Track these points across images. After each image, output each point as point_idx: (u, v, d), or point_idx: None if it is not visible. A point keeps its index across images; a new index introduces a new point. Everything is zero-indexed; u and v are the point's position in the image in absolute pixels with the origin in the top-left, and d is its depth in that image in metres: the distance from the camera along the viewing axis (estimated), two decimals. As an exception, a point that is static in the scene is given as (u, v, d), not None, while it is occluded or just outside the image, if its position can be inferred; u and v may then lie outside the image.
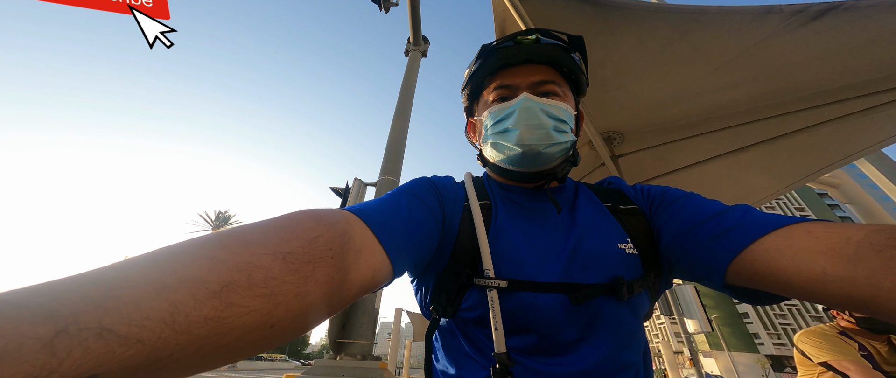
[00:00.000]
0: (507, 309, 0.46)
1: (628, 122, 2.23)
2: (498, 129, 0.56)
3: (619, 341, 0.47)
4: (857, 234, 0.32)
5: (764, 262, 0.36)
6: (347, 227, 0.36)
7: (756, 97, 1.78)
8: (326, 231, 0.33)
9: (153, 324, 0.19)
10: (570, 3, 1.43)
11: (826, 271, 0.32)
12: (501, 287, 0.46)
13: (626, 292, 0.46)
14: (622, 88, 1.94)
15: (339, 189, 3.46)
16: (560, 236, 0.52)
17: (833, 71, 1.57)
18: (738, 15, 1.32)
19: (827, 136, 1.93)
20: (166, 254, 0.24)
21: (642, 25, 1.46)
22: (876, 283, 0.28)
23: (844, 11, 1.28)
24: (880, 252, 0.29)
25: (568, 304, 0.46)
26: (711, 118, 2.04)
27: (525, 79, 0.57)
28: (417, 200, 0.50)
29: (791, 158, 2.19)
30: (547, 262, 0.49)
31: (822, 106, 1.74)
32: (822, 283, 0.32)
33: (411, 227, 0.45)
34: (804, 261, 0.33)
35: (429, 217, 0.49)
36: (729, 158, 2.27)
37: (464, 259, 0.50)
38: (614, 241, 0.51)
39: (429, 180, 0.57)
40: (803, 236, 0.35)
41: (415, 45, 5.68)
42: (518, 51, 0.58)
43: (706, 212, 0.46)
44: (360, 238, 0.37)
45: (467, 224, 0.53)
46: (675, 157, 2.44)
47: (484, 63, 0.60)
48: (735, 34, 1.40)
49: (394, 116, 4.42)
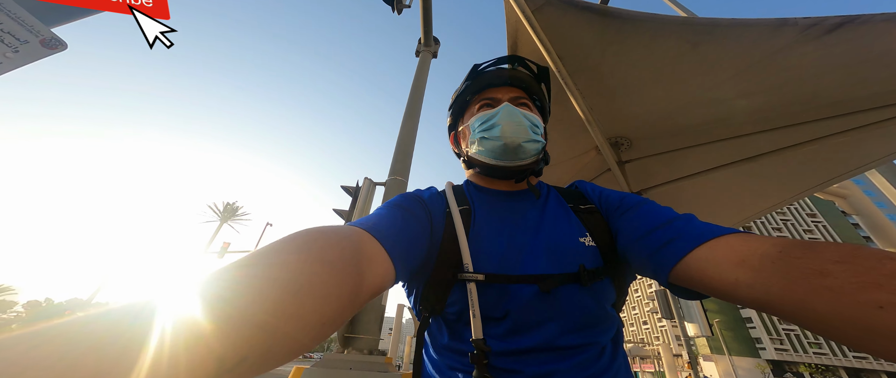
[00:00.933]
0: (485, 300, 0.53)
1: (636, 128, 2.24)
2: (484, 126, 0.66)
3: (583, 322, 0.53)
4: (762, 247, 0.38)
5: (696, 270, 0.43)
6: (360, 240, 0.42)
7: (766, 108, 1.79)
8: (348, 244, 0.39)
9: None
10: (581, 14, 1.45)
11: (737, 279, 0.38)
12: (479, 280, 0.53)
13: (588, 279, 0.53)
14: (631, 96, 1.95)
15: (349, 188, 3.51)
16: (531, 233, 0.60)
17: (845, 83, 1.57)
18: (751, 28, 1.33)
19: (837, 147, 1.93)
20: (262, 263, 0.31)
21: (653, 37, 1.47)
22: (768, 288, 0.35)
23: (860, 25, 1.28)
24: (773, 262, 0.35)
25: (538, 292, 0.53)
26: (721, 127, 2.04)
27: (506, 94, 0.70)
28: (409, 214, 0.56)
29: (800, 168, 2.19)
30: (520, 257, 0.56)
31: (834, 118, 1.74)
32: (734, 288, 0.38)
33: (407, 237, 0.52)
34: (724, 270, 0.40)
35: (418, 228, 0.56)
36: (737, 167, 2.27)
37: (448, 260, 0.57)
38: (575, 236, 0.59)
39: (416, 194, 0.65)
40: (724, 249, 0.42)
41: (426, 46, 5.68)
42: (500, 74, 0.72)
43: (655, 221, 0.53)
44: (370, 249, 0.43)
45: (450, 229, 0.60)
46: (683, 164, 2.45)
47: (472, 83, 0.72)
48: (747, 46, 1.41)
49: (403, 117, 4.44)
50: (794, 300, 0.32)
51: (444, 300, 0.56)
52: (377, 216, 0.53)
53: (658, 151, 2.37)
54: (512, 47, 1.83)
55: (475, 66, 0.74)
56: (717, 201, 2.77)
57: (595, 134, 2.08)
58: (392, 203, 0.59)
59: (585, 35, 1.55)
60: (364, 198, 3.39)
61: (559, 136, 2.43)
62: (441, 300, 0.56)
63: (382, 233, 0.47)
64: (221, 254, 19.17)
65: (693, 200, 2.84)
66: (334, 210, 3.48)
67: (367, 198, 3.45)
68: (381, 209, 0.57)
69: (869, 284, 0.27)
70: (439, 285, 0.56)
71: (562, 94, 1.92)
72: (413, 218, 0.56)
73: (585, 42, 1.60)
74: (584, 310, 0.54)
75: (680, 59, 1.54)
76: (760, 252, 0.37)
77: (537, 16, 1.48)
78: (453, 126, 0.78)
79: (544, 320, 0.52)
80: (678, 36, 1.43)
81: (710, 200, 2.79)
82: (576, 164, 2.66)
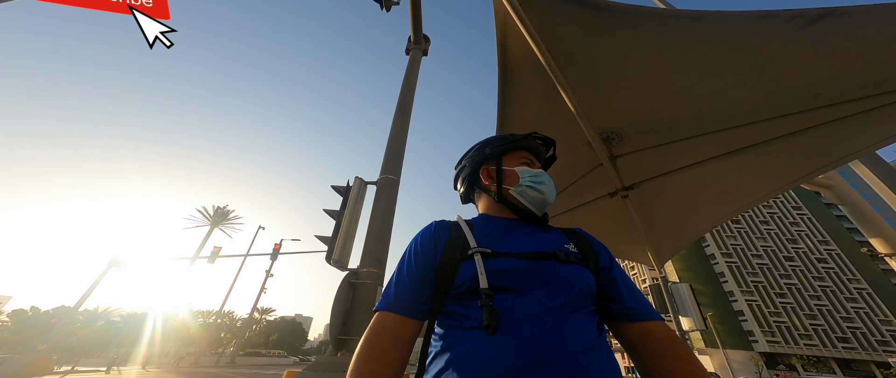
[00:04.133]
0: (489, 268, 0.69)
1: (627, 122, 2.25)
2: (535, 181, 0.86)
3: (560, 290, 0.68)
4: (672, 350, 0.65)
5: (635, 331, 0.71)
6: (386, 322, 0.69)
7: (751, 100, 1.81)
8: (389, 335, 0.67)
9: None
10: (569, 6, 1.44)
11: (646, 357, 0.68)
12: (487, 253, 0.72)
13: (564, 258, 0.73)
14: (621, 90, 1.96)
15: (340, 188, 3.48)
16: (528, 239, 0.79)
17: (828, 74, 1.60)
18: (735, 20, 1.34)
19: (822, 138, 1.96)
20: None
21: (641, 29, 1.48)
22: (656, 375, 0.65)
23: (840, 17, 1.30)
24: (668, 361, 0.64)
25: (530, 264, 0.71)
26: (709, 120, 2.06)
27: (539, 161, 0.97)
28: (417, 257, 0.77)
29: (786, 160, 2.23)
30: (517, 246, 0.76)
31: (817, 109, 1.77)
32: (645, 364, 0.67)
33: (416, 284, 0.74)
34: (643, 346, 0.69)
35: (426, 263, 0.76)
36: (725, 160, 2.30)
37: (457, 248, 0.76)
38: (562, 243, 0.79)
39: (429, 232, 0.83)
40: (651, 332, 0.69)
41: (416, 43, 5.67)
42: (533, 144, 0.95)
43: (624, 290, 0.77)
44: (393, 323, 0.69)
45: (455, 233, 0.80)
46: (672, 158, 2.47)
47: (512, 141, 0.93)
48: (732, 39, 1.42)
49: (394, 115, 4.42)
50: None
51: (452, 281, 0.71)
52: (393, 280, 0.77)
53: (648, 145, 2.39)
54: (501, 42, 1.82)
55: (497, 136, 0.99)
56: (706, 194, 2.81)
57: (586, 128, 2.08)
58: (403, 258, 0.81)
59: (574, 28, 1.55)
60: (355, 197, 3.35)
61: (550, 132, 2.43)
62: (450, 281, 0.71)
63: (395, 304, 0.71)
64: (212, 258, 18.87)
65: (682, 194, 2.88)
66: (325, 210, 3.44)
67: (358, 197, 3.42)
68: (394, 272, 0.79)
69: None
70: (445, 270, 0.73)
71: (552, 88, 1.92)
72: (420, 258, 0.77)
73: (574, 35, 1.60)
74: (562, 280, 0.69)
75: (668, 51, 1.55)
76: (669, 354, 0.66)
77: (525, 9, 1.47)
78: (474, 174, 0.95)
79: (532, 282, 0.68)
80: (665, 28, 1.44)
81: (699, 194, 2.82)
82: (567, 160, 2.67)
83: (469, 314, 0.66)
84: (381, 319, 0.70)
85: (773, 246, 55.24)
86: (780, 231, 56.87)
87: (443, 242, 0.78)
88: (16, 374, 11.84)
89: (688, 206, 3.02)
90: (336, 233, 3.22)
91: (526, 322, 0.61)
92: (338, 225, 3.26)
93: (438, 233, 0.81)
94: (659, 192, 2.87)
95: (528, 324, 0.61)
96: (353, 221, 3.29)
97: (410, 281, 0.74)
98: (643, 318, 0.71)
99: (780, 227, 57.47)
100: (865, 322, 44.48)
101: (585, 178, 2.90)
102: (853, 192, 2.61)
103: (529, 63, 1.84)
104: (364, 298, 2.90)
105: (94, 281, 14.70)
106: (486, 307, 0.62)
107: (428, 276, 0.74)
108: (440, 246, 0.78)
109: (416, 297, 0.72)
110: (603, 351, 0.62)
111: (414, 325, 0.70)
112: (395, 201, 3.74)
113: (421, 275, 0.74)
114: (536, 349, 0.58)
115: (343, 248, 3.12)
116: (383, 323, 0.69)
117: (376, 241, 3.32)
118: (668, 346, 0.66)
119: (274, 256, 21.79)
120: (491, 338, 0.60)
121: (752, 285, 50.56)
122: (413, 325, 0.70)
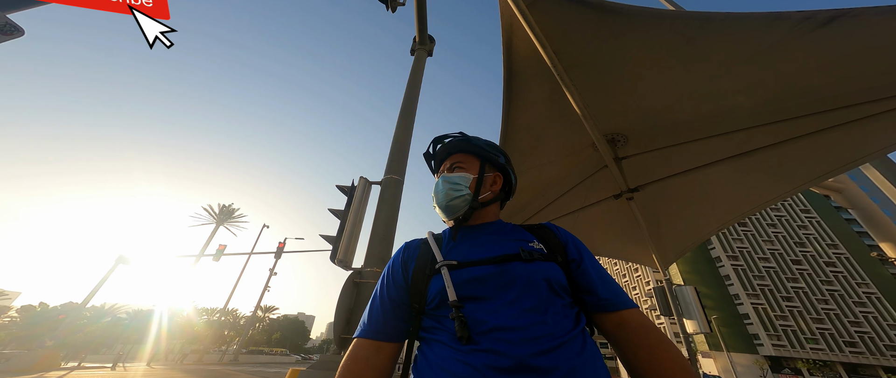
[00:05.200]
0: (456, 279, 0.71)
1: (633, 124, 2.24)
2: (436, 190, 0.90)
3: (528, 290, 0.68)
4: (648, 338, 0.67)
5: (611, 322, 0.73)
6: (360, 349, 0.72)
7: (761, 102, 1.79)
8: (362, 362, 0.70)
9: None
10: (576, 8, 1.44)
11: (624, 346, 0.69)
12: (452, 265, 0.74)
13: (528, 257, 0.73)
14: (627, 92, 1.95)
15: (345, 187, 3.49)
16: (492, 244, 0.80)
17: (839, 77, 1.57)
18: (745, 22, 1.33)
19: (832, 141, 1.93)
20: None
21: (648, 32, 1.46)
22: (636, 364, 0.66)
23: (852, 19, 1.28)
24: (645, 350, 0.66)
25: (494, 269, 0.71)
26: (716, 122, 2.04)
27: (437, 164, 1.00)
28: (388, 282, 0.80)
29: (795, 163, 2.19)
30: (482, 253, 0.77)
31: (828, 112, 1.74)
32: (624, 353, 0.69)
33: (387, 309, 0.76)
34: (621, 337, 0.70)
35: (396, 287, 0.79)
36: (733, 162, 2.27)
37: (426, 264, 0.78)
38: (526, 242, 0.79)
39: (399, 255, 0.85)
40: (627, 321, 0.71)
41: (421, 44, 5.67)
42: (438, 154, 0.98)
43: (597, 281, 0.77)
44: (367, 349, 0.72)
45: (425, 252, 0.82)
46: (678, 160, 2.45)
47: (429, 155, 0.99)
48: (741, 41, 1.40)
49: (399, 116, 4.43)
50: None
51: (425, 298, 0.73)
52: (368, 308, 0.79)
53: (654, 147, 2.37)
54: (507, 44, 1.82)
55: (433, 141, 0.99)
56: (713, 197, 2.78)
57: (591, 130, 2.07)
58: (378, 284, 0.83)
59: (581, 30, 1.54)
60: (360, 197, 3.37)
61: (555, 134, 2.42)
62: (422, 299, 0.73)
63: (370, 330, 0.74)
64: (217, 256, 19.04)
65: (688, 197, 2.85)
66: (330, 210, 3.46)
67: (363, 197, 3.43)
68: (372, 297, 0.81)
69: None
70: (417, 287, 0.75)
71: (558, 90, 1.91)
72: (391, 283, 0.80)
73: (581, 37, 1.59)
74: (530, 282, 0.69)
75: (675, 53, 1.54)
76: (646, 341, 0.68)
77: (532, 11, 1.47)
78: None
79: (498, 288, 0.69)
80: (673, 30, 1.43)
81: (706, 196, 2.79)
82: (571, 162, 2.65)
83: (444, 326, 0.68)
84: (356, 347, 0.72)
85: (781, 249, 54.54)
86: (788, 234, 56.15)
87: (412, 262, 0.81)
88: (24, 371, 12.01)
89: (694, 208, 2.99)
90: (340, 232, 3.23)
91: (497, 329, 0.62)
92: (342, 224, 3.28)
93: (408, 254, 0.84)
94: (665, 194, 2.84)
95: (500, 330, 0.62)
96: (357, 221, 3.31)
97: (382, 306, 0.77)
98: (618, 307, 0.72)
99: (787, 231, 56.73)
100: (874, 326, 43.77)
101: (589, 180, 2.88)
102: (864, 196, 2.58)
103: (535, 64, 1.83)
104: (368, 298, 2.90)
105: (101, 278, 14.89)
106: (457, 319, 0.64)
107: (401, 298, 0.77)
108: (410, 266, 0.81)
109: (389, 320, 0.75)
110: (578, 345, 0.63)
111: (390, 349, 0.73)
112: (400, 201, 3.75)
113: (392, 299, 0.77)
114: (510, 354, 0.58)
115: (347, 247, 3.13)
116: (358, 350, 0.72)
117: (380, 241, 3.32)
118: (644, 334, 0.67)
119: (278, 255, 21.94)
120: (466, 348, 0.62)
121: (759, 289, 49.96)
122: (389, 348, 0.73)
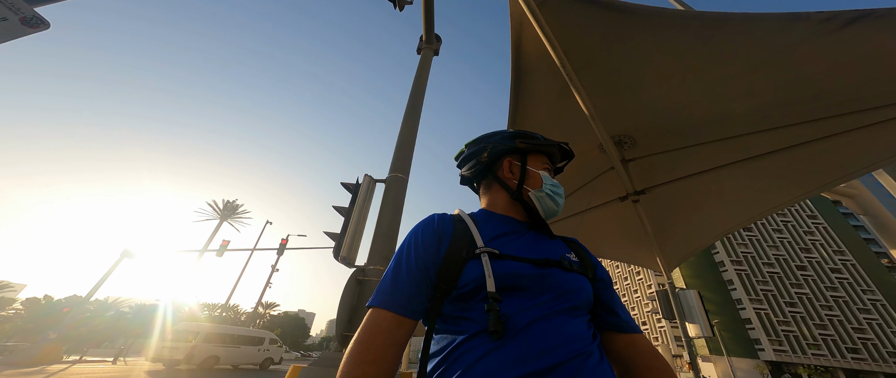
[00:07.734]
0: (496, 270, 0.66)
1: (641, 126, 2.20)
2: (555, 191, 0.85)
3: (563, 297, 0.68)
4: (657, 362, 0.72)
5: (622, 342, 0.76)
6: (383, 321, 0.64)
7: (775, 105, 1.75)
8: (384, 335, 0.63)
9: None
10: (587, 8, 1.41)
11: (632, 366, 0.73)
12: (494, 254, 0.69)
13: (568, 266, 0.73)
14: (637, 93, 1.92)
15: (350, 185, 3.48)
16: (534, 245, 0.78)
17: (858, 79, 1.53)
18: (763, 23, 1.29)
19: (847, 145, 1.89)
20: None
21: (661, 32, 1.43)
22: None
23: (877, 19, 1.25)
24: (654, 373, 0.70)
25: (535, 270, 0.69)
26: (727, 124, 2.00)
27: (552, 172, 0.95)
28: (418, 253, 0.72)
29: (807, 167, 2.15)
30: (524, 251, 0.74)
31: (844, 115, 1.71)
32: (631, 373, 0.73)
33: (417, 281, 0.69)
34: (629, 357, 0.74)
35: (427, 261, 0.71)
36: (743, 166, 2.23)
37: (462, 246, 0.72)
38: (564, 251, 0.79)
39: (431, 228, 0.77)
40: (637, 344, 0.75)
41: (427, 43, 5.65)
42: (554, 152, 0.94)
43: (618, 303, 0.80)
44: (389, 322, 0.65)
45: (460, 229, 0.76)
46: (687, 162, 2.41)
47: (542, 144, 0.90)
48: (758, 42, 1.37)
49: (405, 114, 4.41)
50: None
51: (457, 281, 0.67)
52: (389, 277, 0.71)
53: (662, 150, 2.33)
54: (516, 43, 1.79)
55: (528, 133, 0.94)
56: (720, 201, 2.74)
57: (599, 131, 2.04)
58: (401, 252, 0.75)
59: (591, 30, 1.51)
60: (364, 195, 3.35)
61: (562, 134, 2.39)
62: (454, 281, 0.67)
63: (392, 302, 0.66)
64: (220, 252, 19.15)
65: (696, 200, 2.81)
66: (334, 207, 3.45)
67: (368, 195, 3.42)
68: (390, 267, 0.73)
69: None
70: (449, 268, 0.69)
71: (566, 90, 1.88)
72: (420, 252, 0.72)
73: (591, 37, 1.56)
74: (565, 286, 0.69)
75: (689, 54, 1.51)
76: (653, 365, 0.72)
77: (542, 10, 1.44)
78: (506, 153, 0.90)
79: (536, 289, 0.67)
80: (688, 31, 1.40)
81: (713, 200, 2.75)
82: (578, 163, 2.63)
83: (472, 317, 0.63)
84: (376, 317, 0.64)
85: (786, 254, 54.11)
86: (794, 240, 55.67)
87: (448, 239, 0.74)
88: (25, 363, 12.15)
89: (701, 212, 2.95)
90: (344, 229, 3.22)
91: (531, 327, 0.60)
92: (346, 222, 3.27)
93: (442, 228, 0.76)
94: (671, 197, 2.81)
95: (533, 330, 0.60)
96: (361, 218, 3.29)
97: (410, 277, 0.68)
98: (633, 330, 0.76)
99: (793, 236, 56.24)
100: (878, 333, 43.36)
101: (595, 182, 2.85)
102: (876, 202, 2.52)
103: (544, 64, 1.81)
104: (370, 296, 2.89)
105: (105, 271, 15.02)
106: (493, 312, 0.59)
107: (429, 273, 0.69)
108: (444, 242, 0.73)
109: (415, 295, 0.67)
110: (598, 356, 0.64)
111: (409, 326, 0.66)
112: (404, 199, 3.73)
113: (422, 272, 0.69)
114: (543, 355, 0.57)
115: (351, 244, 3.12)
116: (379, 321, 0.64)
117: (384, 239, 3.31)
118: (652, 358, 0.72)
119: (280, 251, 22.03)
120: (497, 344, 0.59)
121: (762, 294, 49.61)
122: (409, 325, 0.66)
